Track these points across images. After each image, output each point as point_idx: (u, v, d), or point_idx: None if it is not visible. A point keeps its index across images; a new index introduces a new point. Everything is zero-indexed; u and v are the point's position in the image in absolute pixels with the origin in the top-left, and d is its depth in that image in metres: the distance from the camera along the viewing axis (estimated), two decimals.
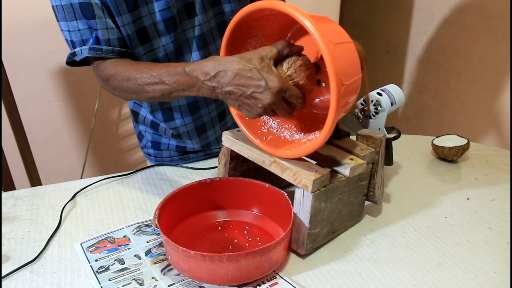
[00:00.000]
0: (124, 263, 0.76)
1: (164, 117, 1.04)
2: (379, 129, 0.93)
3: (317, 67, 0.80)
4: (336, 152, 0.80)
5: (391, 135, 0.93)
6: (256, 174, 0.92)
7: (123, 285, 0.71)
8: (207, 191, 0.85)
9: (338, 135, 0.84)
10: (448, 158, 1.08)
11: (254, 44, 0.82)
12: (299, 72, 0.73)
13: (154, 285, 0.72)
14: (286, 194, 0.79)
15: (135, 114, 1.12)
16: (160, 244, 0.81)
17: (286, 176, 0.76)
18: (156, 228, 0.74)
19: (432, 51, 2.17)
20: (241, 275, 0.70)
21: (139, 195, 0.96)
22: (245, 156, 0.83)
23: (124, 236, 0.83)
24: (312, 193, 0.72)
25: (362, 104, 0.94)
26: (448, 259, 0.78)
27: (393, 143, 0.92)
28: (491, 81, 1.88)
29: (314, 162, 0.78)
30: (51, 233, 0.84)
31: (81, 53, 0.86)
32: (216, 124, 1.09)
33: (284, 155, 0.78)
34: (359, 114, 0.95)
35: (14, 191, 0.97)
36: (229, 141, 0.86)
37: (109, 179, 1.01)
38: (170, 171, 1.06)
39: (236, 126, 0.87)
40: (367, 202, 0.88)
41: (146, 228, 0.85)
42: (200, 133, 1.08)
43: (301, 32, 0.83)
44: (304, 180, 0.73)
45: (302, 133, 0.83)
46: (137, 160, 2.17)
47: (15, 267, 0.75)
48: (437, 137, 1.12)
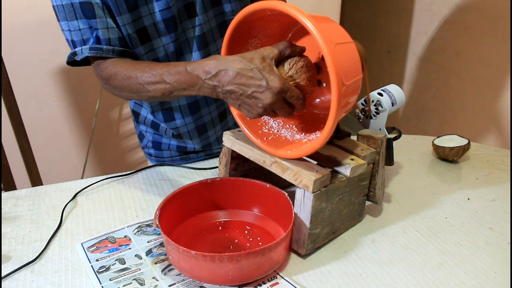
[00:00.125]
0: (124, 263, 0.76)
1: (164, 117, 1.04)
2: (380, 129, 0.93)
3: (318, 67, 0.80)
4: (337, 152, 0.80)
5: (392, 135, 0.93)
6: (257, 174, 0.92)
7: (123, 285, 0.71)
8: (208, 191, 0.85)
9: (339, 135, 0.84)
10: (448, 158, 1.08)
11: (255, 44, 0.82)
12: (300, 73, 0.73)
13: (155, 285, 0.72)
14: (287, 194, 0.79)
15: (135, 114, 1.12)
16: (161, 244, 0.81)
17: (287, 176, 0.76)
18: (157, 228, 0.74)
19: (433, 51, 2.16)
20: (242, 275, 0.70)
21: (140, 195, 0.96)
22: (246, 156, 0.83)
23: (125, 236, 0.83)
24: (312, 193, 0.72)
25: (363, 104, 0.94)
26: (448, 259, 0.78)
27: (394, 143, 0.92)
28: (492, 81, 1.87)
29: (315, 162, 0.78)
30: (52, 233, 0.84)
31: (82, 52, 0.86)
32: (217, 124, 1.09)
33: (285, 155, 0.78)
34: (360, 114, 0.95)
35: (15, 191, 0.97)
36: (230, 141, 0.86)
37: (110, 179, 1.01)
38: (171, 171, 1.06)
39: (237, 126, 0.87)
40: (367, 202, 0.88)
41: (147, 228, 0.85)
42: (201, 133, 1.08)
43: (302, 32, 0.83)
44: (304, 180, 0.73)
45: (303, 133, 0.83)
46: (138, 160, 2.17)
47: (16, 267, 0.75)
48: (438, 137, 1.12)
